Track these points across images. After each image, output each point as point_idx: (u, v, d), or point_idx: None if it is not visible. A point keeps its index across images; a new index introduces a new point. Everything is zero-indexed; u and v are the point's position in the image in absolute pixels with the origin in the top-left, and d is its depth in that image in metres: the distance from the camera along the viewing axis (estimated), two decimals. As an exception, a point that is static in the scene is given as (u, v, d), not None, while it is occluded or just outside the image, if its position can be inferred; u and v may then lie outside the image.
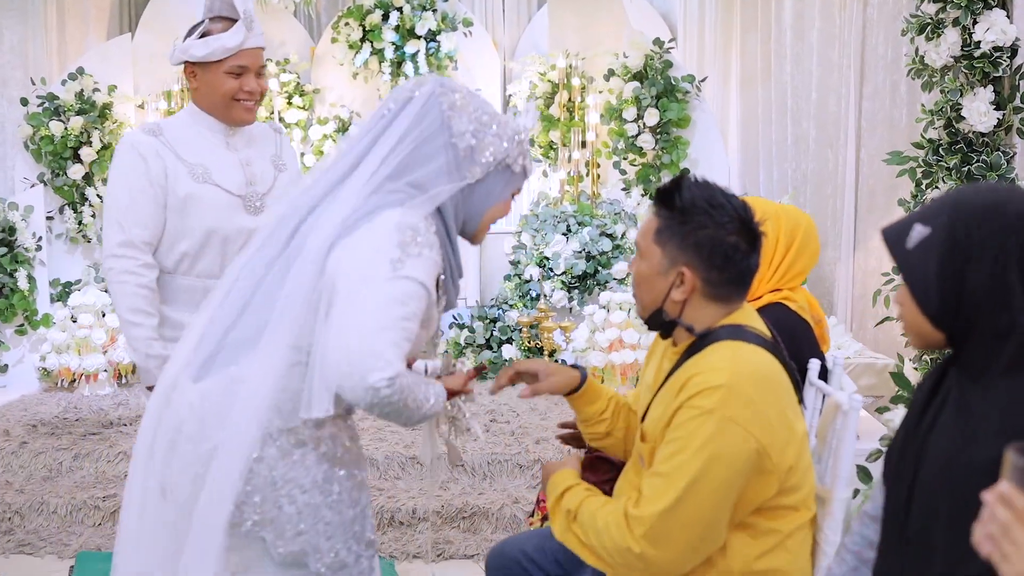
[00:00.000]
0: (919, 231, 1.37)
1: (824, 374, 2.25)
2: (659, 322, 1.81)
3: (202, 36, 2.47)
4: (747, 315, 1.81)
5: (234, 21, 2.47)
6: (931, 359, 4.15)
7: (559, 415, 4.78)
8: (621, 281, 5.63)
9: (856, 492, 2.20)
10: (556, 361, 5.54)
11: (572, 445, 2.44)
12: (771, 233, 2.30)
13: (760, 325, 1.81)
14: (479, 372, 1.96)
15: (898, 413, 2.25)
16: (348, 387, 1.57)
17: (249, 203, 2.51)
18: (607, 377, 5.13)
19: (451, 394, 1.83)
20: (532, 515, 2.54)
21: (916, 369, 4.08)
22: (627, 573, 1.68)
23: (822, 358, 2.32)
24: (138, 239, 2.42)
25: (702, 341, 1.75)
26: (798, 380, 1.81)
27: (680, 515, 1.62)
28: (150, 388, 2.25)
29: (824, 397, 2.13)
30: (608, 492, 2.27)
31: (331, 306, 1.64)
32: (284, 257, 1.72)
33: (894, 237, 1.40)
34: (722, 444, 1.61)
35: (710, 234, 1.71)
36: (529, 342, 5.51)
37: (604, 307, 5.29)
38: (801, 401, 1.87)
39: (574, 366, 2.05)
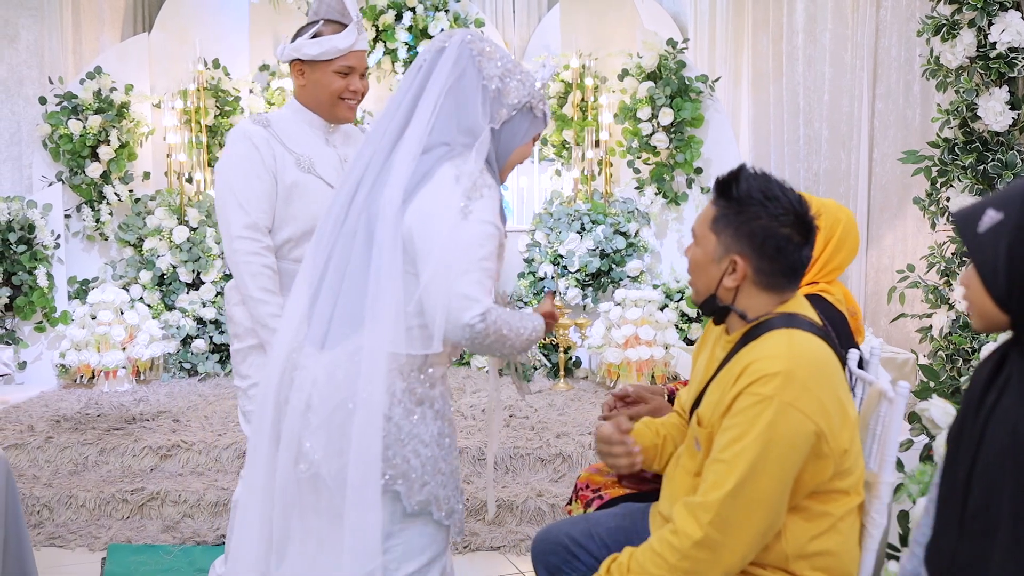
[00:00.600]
0: (991, 216, 1.42)
1: (859, 365, 2.31)
2: (712, 307, 1.87)
3: (314, 36, 2.57)
4: (800, 304, 1.86)
5: (344, 25, 2.59)
6: (947, 355, 4.22)
7: (576, 410, 4.84)
8: (635, 279, 5.69)
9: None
10: (571, 358, 5.60)
11: None
12: None
13: (812, 314, 1.87)
14: (554, 295, 2.09)
15: (934, 404, 2.30)
16: (449, 330, 1.78)
17: None
18: (623, 373, 5.18)
19: (549, 320, 2.05)
20: (570, 503, 2.59)
21: (933, 364, 4.14)
22: (697, 572, 1.72)
23: (857, 349, 2.37)
24: (260, 222, 2.55)
25: (757, 329, 1.80)
26: (848, 367, 1.87)
27: (743, 498, 1.68)
28: None
29: (863, 386, 2.18)
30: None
31: (416, 264, 1.82)
32: (364, 229, 1.88)
33: (965, 221, 1.45)
34: (782, 429, 1.67)
35: (764, 225, 1.76)
36: (544, 339, 5.57)
37: (619, 304, 5.35)
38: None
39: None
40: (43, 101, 5.77)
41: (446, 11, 6.42)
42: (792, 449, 1.68)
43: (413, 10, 6.38)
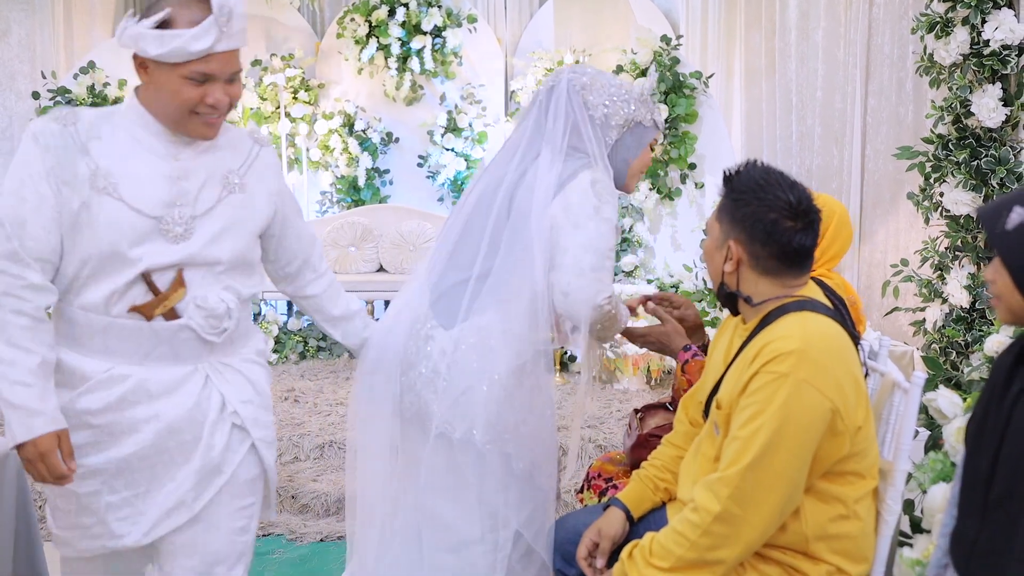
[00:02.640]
0: (1019, 213, 1.46)
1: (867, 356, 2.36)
2: (723, 294, 1.95)
3: (160, 26, 1.85)
4: (812, 292, 1.91)
5: (206, 11, 1.86)
6: (940, 347, 4.29)
7: (573, 404, 4.86)
8: (629, 274, 5.73)
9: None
10: (566, 353, 5.63)
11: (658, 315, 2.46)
12: None
13: (824, 300, 1.92)
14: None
15: (942, 394, 2.35)
16: (583, 312, 2.12)
17: (167, 227, 1.93)
18: (619, 368, 5.22)
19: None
20: (581, 491, 2.62)
21: (923, 357, 4.21)
22: (717, 546, 1.76)
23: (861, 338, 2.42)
24: (24, 251, 1.85)
25: (772, 315, 1.86)
26: (864, 354, 1.91)
27: (761, 472, 1.72)
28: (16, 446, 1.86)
29: (875, 377, 2.23)
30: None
31: (554, 253, 2.13)
32: (510, 232, 2.16)
33: (991, 218, 1.50)
34: (798, 405, 1.71)
35: (753, 211, 1.84)
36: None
37: (614, 299, 5.39)
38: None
39: (616, 503, 2.13)
40: (36, 96, 5.74)
41: (439, 7, 6.44)
42: (808, 426, 1.72)
43: (406, 5, 6.39)
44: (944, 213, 4.31)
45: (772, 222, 1.82)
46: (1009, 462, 1.48)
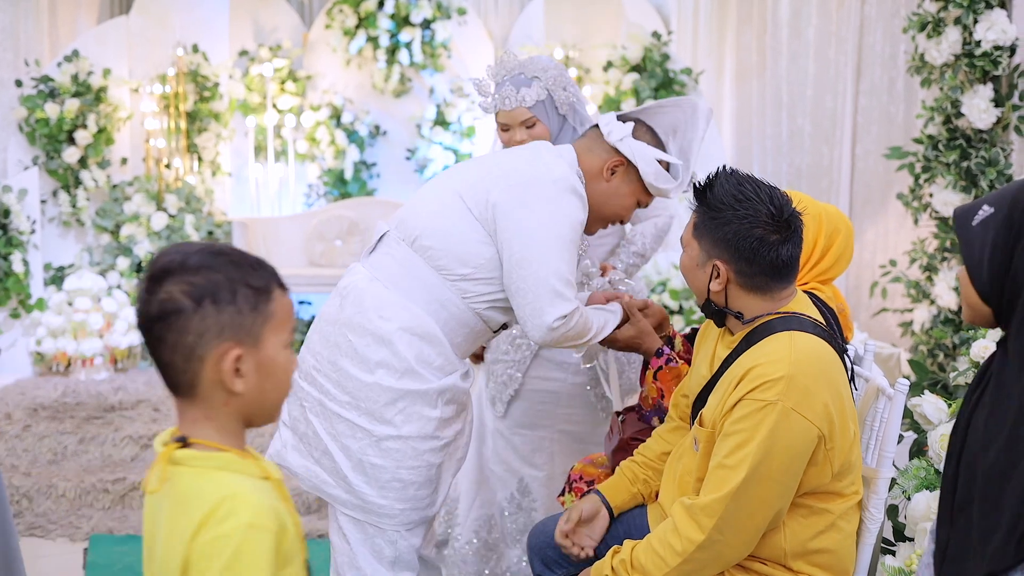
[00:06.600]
0: (984, 210, 1.45)
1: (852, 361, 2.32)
2: (710, 311, 1.88)
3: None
4: (801, 304, 1.86)
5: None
6: (927, 349, 4.26)
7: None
8: (617, 271, 5.70)
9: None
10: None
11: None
12: (810, 233, 2.34)
13: (814, 312, 1.87)
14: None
15: (927, 400, 2.33)
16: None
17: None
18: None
19: None
20: (562, 494, 2.59)
21: (909, 361, 4.19)
22: (697, 571, 1.75)
23: (849, 346, 2.39)
24: None
25: (759, 331, 1.80)
26: (850, 363, 1.88)
27: (745, 500, 1.69)
28: None
29: (860, 383, 2.20)
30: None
31: None
32: None
33: (963, 216, 1.48)
34: (785, 433, 1.67)
35: (735, 229, 1.77)
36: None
37: (602, 296, 5.36)
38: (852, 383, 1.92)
39: (591, 490, 2.12)
40: (19, 84, 5.67)
41: (429, -1, 6.39)
42: (795, 454, 1.69)
43: (395, -3, 6.34)
44: (933, 214, 4.27)
45: (758, 239, 1.76)
46: (969, 468, 1.46)
